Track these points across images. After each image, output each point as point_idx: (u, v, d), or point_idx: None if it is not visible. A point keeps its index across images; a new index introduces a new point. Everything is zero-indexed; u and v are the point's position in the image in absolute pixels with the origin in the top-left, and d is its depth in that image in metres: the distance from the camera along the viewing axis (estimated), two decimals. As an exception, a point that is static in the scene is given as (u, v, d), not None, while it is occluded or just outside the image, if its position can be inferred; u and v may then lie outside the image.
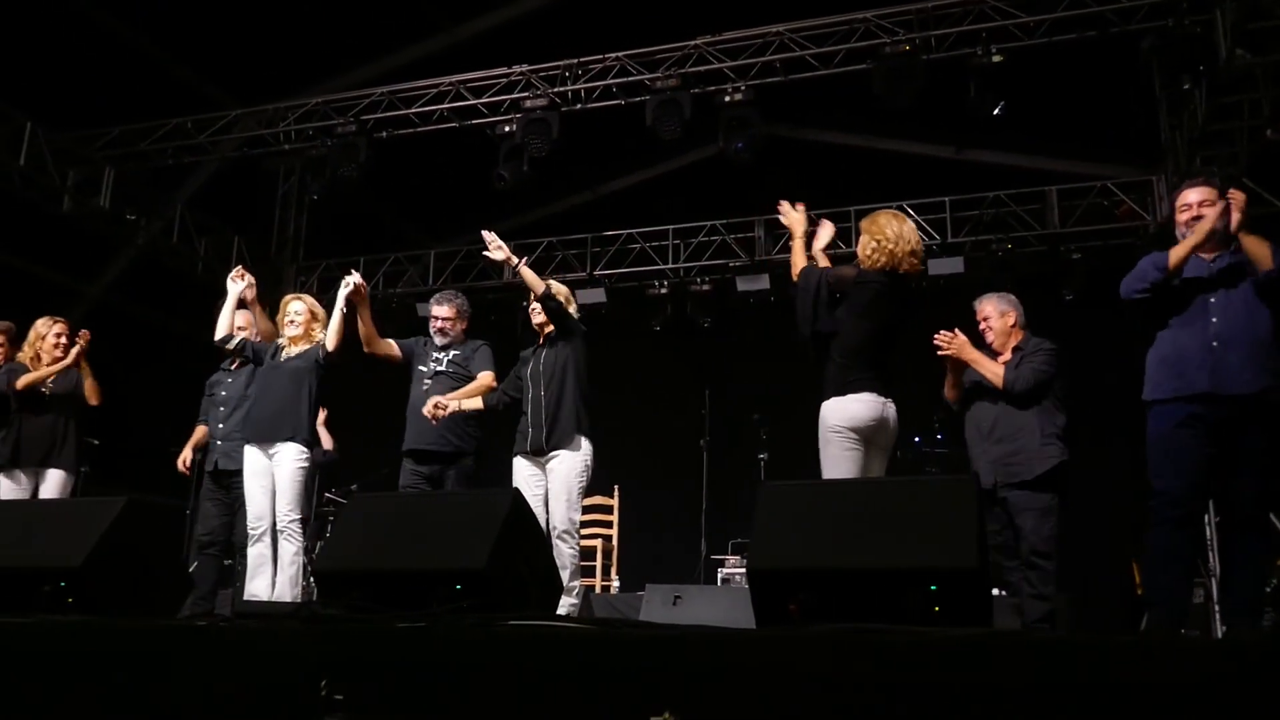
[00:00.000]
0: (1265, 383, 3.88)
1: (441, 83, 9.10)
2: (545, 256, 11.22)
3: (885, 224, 4.39)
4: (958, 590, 2.59)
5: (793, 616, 2.71)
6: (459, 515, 2.92)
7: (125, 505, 3.20)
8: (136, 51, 9.33)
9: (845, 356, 4.33)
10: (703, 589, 7.51)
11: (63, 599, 3.01)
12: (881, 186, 10.14)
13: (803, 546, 2.70)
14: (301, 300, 5.79)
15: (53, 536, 3.15)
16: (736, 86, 8.10)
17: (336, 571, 2.96)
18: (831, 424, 4.26)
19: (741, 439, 8.57)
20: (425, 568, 2.83)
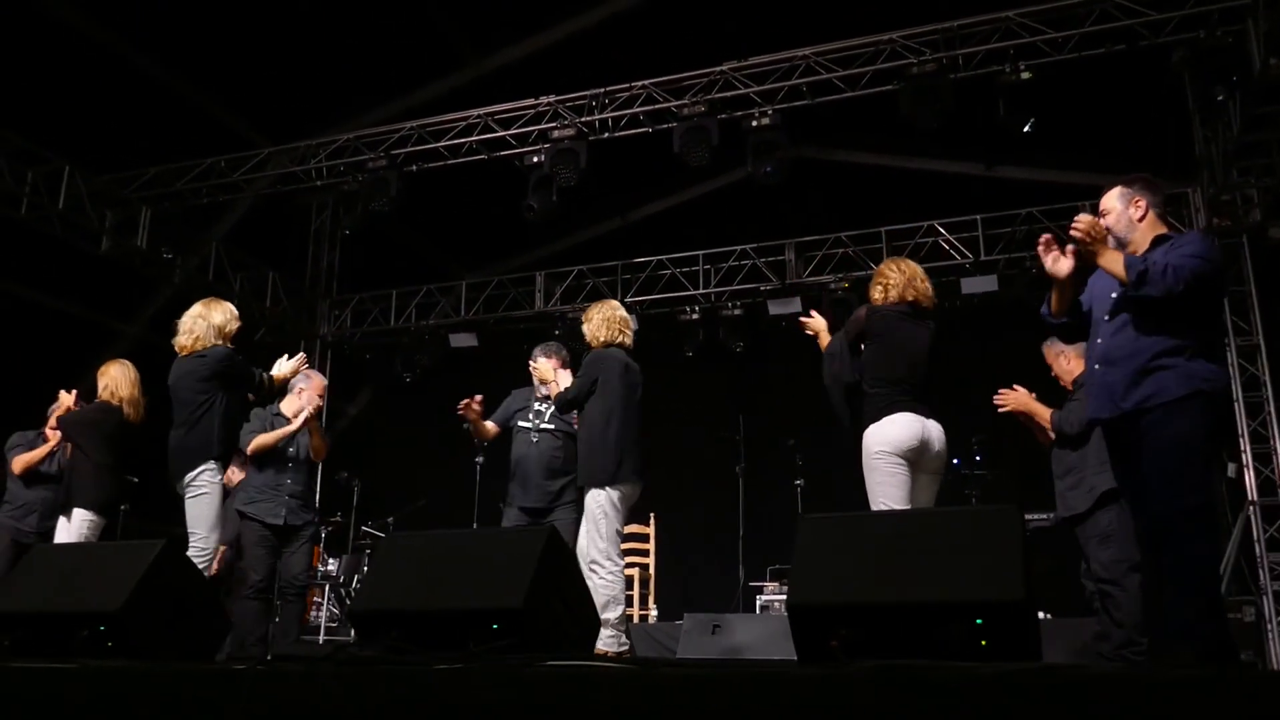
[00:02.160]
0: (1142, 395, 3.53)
1: (470, 115, 9.17)
2: (575, 285, 11.25)
3: (888, 271, 4.69)
4: (1005, 623, 2.53)
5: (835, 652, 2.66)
6: (495, 553, 2.90)
7: (163, 548, 3.20)
8: (170, 93, 9.47)
9: (877, 384, 4.43)
10: (742, 617, 7.45)
11: (102, 643, 3.02)
12: (911, 206, 10.10)
13: (843, 580, 2.65)
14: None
15: (92, 580, 3.16)
16: (763, 111, 8.09)
17: (373, 612, 2.94)
18: (874, 449, 4.29)
19: (777, 464, 8.51)
20: (462, 607, 2.81)
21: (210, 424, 4.95)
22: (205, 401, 4.97)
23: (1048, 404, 5.12)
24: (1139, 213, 3.75)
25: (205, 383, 4.99)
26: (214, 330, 5.11)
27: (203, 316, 5.16)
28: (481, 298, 11.59)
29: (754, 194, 9.61)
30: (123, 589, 3.03)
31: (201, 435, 4.93)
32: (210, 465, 4.91)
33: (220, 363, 5.04)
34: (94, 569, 3.24)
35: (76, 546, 4.78)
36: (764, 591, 8.37)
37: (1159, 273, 3.45)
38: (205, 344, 5.09)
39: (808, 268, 10.27)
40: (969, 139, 9.35)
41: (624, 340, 5.33)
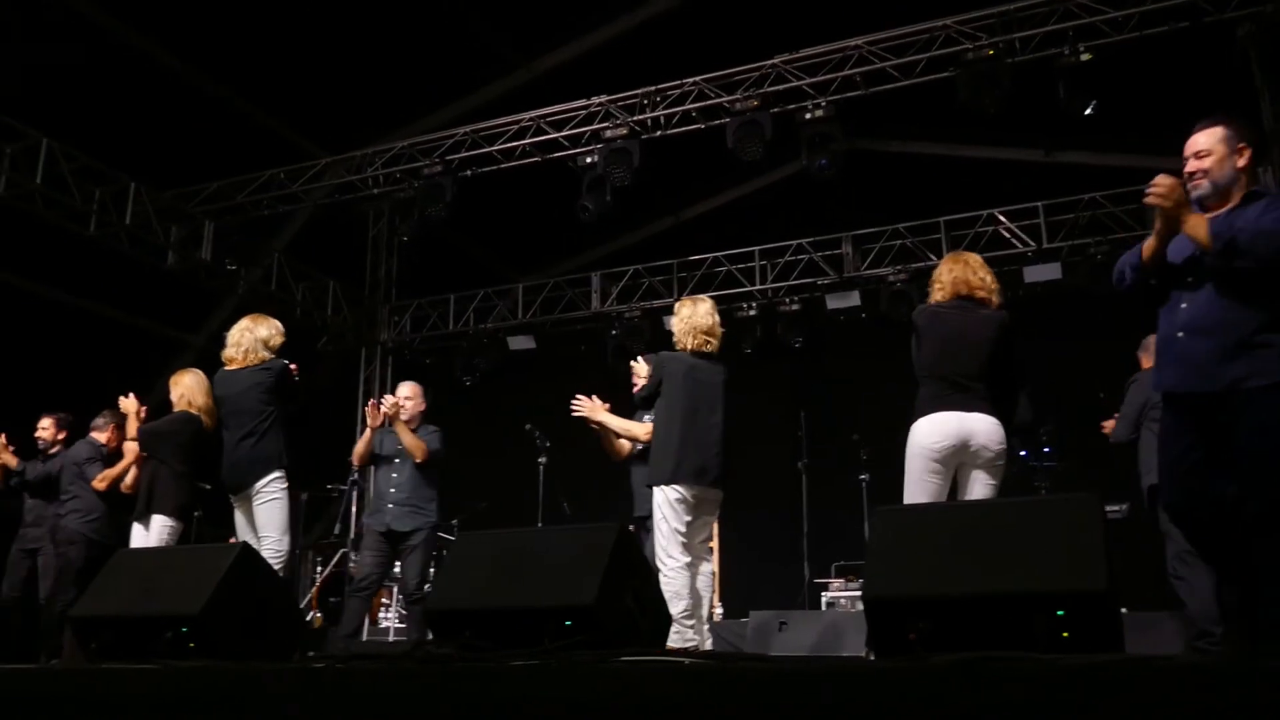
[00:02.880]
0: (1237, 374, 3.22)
1: (522, 119, 9.21)
2: (631, 284, 11.26)
3: (941, 271, 4.63)
4: (1087, 614, 2.47)
5: (912, 645, 2.63)
6: (566, 551, 2.90)
7: (240, 551, 3.26)
8: (229, 108, 9.66)
9: (922, 382, 4.40)
10: (807, 614, 7.41)
11: (184, 644, 3.07)
12: (970, 194, 9.96)
13: (920, 572, 2.61)
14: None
15: (173, 584, 3.22)
16: (817, 103, 8.03)
17: (448, 611, 2.97)
18: (909, 451, 4.29)
19: (841, 460, 8.44)
20: (535, 604, 2.82)
21: (276, 434, 5.14)
22: (270, 412, 5.15)
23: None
24: (1243, 160, 3.35)
25: (269, 394, 5.20)
26: (260, 344, 5.30)
27: (249, 330, 5.35)
28: (538, 300, 11.65)
29: (809, 188, 9.55)
30: (203, 592, 3.09)
31: (271, 445, 5.13)
32: (279, 473, 5.09)
33: (282, 375, 5.26)
34: (174, 573, 3.31)
35: (157, 551, 4.90)
36: (829, 588, 8.30)
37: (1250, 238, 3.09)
38: (255, 357, 5.28)
39: (865, 261, 10.17)
40: (1028, 124, 9.19)
41: (709, 347, 5.33)
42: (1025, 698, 2.06)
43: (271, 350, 5.34)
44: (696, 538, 5.20)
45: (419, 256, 11.91)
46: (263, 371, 5.25)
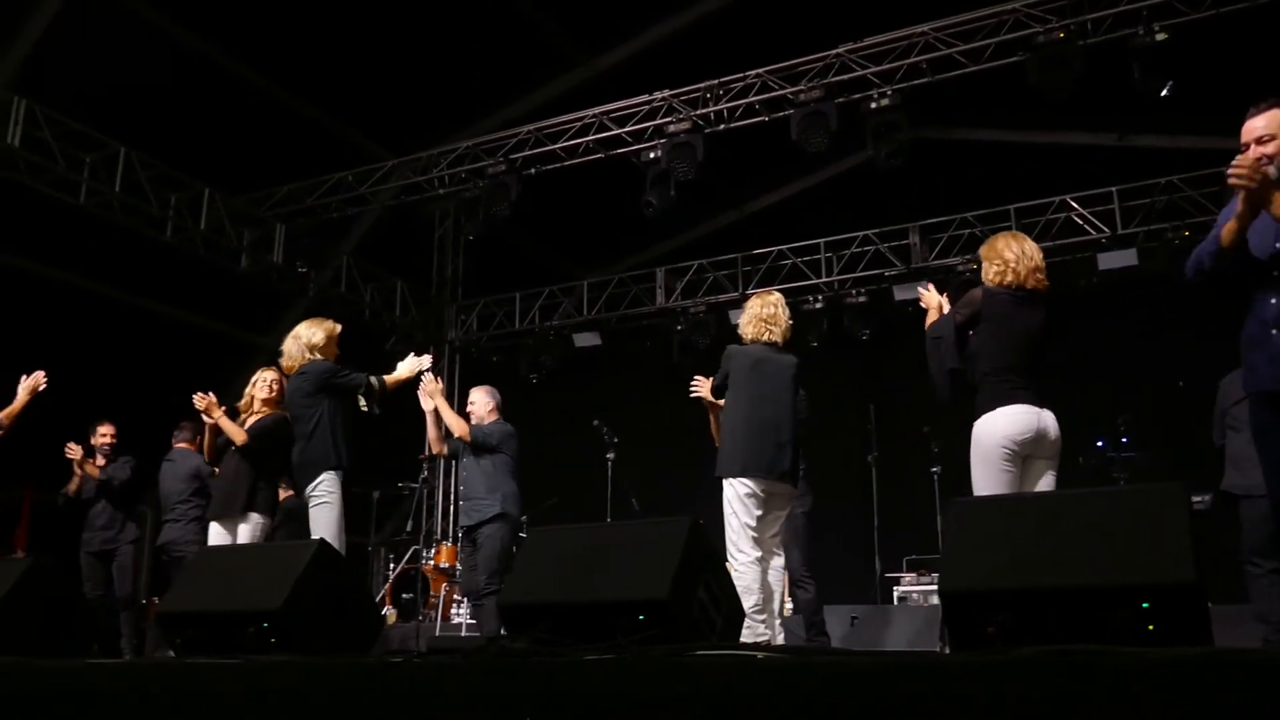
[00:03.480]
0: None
1: (585, 116, 9.24)
2: (696, 279, 11.24)
3: (1004, 247, 4.42)
4: (1174, 606, 2.40)
5: (991, 639, 2.58)
6: (638, 545, 2.90)
7: (318, 548, 3.32)
8: (297, 114, 9.85)
9: (991, 373, 4.26)
10: (879, 609, 7.33)
11: (265, 639, 3.13)
12: (1040, 181, 9.78)
13: (999, 565, 2.56)
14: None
15: (254, 580, 3.29)
16: (882, 92, 7.93)
17: (521, 605, 2.98)
18: (985, 444, 4.16)
19: (912, 453, 8.33)
20: (608, 599, 2.82)
21: (324, 435, 5.14)
22: (314, 414, 5.17)
23: None
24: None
25: (310, 397, 5.21)
26: (304, 348, 5.34)
27: (295, 337, 5.42)
28: (603, 297, 11.69)
29: (874, 178, 9.44)
30: (283, 588, 3.15)
31: (319, 446, 5.14)
32: (329, 475, 5.09)
33: (320, 376, 5.25)
34: (254, 570, 3.37)
35: (237, 549, 4.99)
36: (901, 582, 8.20)
37: None
38: (299, 362, 5.32)
39: (933, 251, 10.03)
40: (1100, 108, 8.99)
41: (770, 335, 5.30)
42: (1111, 691, 2.01)
43: (315, 352, 5.35)
44: (767, 532, 5.17)
45: (484, 255, 12.03)
46: (300, 376, 5.30)
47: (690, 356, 10.94)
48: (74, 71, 8.44)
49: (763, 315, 5.34)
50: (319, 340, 5.36)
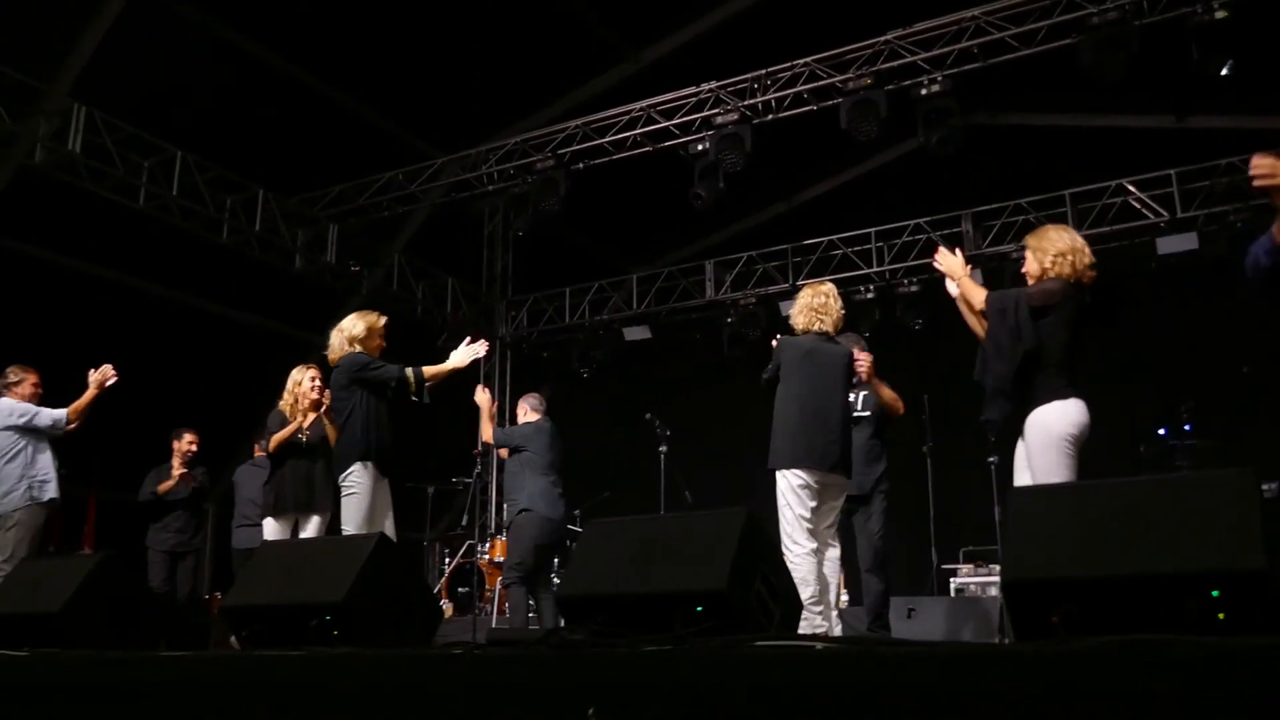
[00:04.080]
0: None
1: (632, 109, 9.23)
2: (745, 271, 11.20)
3: (1057, 238, 4.38)
4: (1244, 595, 2.35)
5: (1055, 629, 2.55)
6: (695, 536, 2.90)
7: (377, 542, 3.36)
8: (348, 114, 9.96)
9: (1058, 365, 4.23)
10: (937, 600, 7.27)
11: (329, 631, 3.18)
12: (1096, 165, 9.62)
13: (1062, 554, 2.52)
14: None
15: (317, 573, 3.34)
16: (933, 78, 7.83)
17: (579, 597, 3.00)
18: (1056, 431, 4.12)
19: (967, 443, 8.23)
20: (665, 590, 2.82)
21: (355, 426, 5.22)
22: (349, 406, 5.25)
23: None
24: None
25: (344, 389, 5.30)
26: (345, 340, 5.42)
27: (339, 330, 5.51)
28: (652, 290, 11.69)
29: (925, 166, 9.34)
30: (345, 580, 3.19)
31: (348, 438, 5.24)
32: (358, 465, 5.16)
33: (351, 368, 5.31)
34: (316, 563, 3.42)
35: (298, 543, 5.08)
36: (958, 574, 8.13)
37: None
38: (340, 354, 5.41)
39: (986, 238, 9.90)
40: (1157, 89, 8.82)
41: (821, 325, 5.27)
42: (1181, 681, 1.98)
43: (355, 344, 5.41)
44: (822, 524, 5.15)
45: (534, 251, 12.09)
46: (336, 368, 5.39)
47: (740, 349, 10.92)
48: (130, 77, 8.60)
49: (814, 305, 5.33)
50: (359, 332, 5.44)
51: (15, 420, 6.14)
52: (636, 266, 12.23)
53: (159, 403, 8.93)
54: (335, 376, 5.39)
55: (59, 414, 6.24)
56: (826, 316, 5.30)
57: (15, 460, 6.12)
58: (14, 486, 6.09)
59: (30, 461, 6.17)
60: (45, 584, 3.96)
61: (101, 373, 6.24)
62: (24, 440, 6.16)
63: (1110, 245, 9.50)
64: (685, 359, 11.91)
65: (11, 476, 6.10)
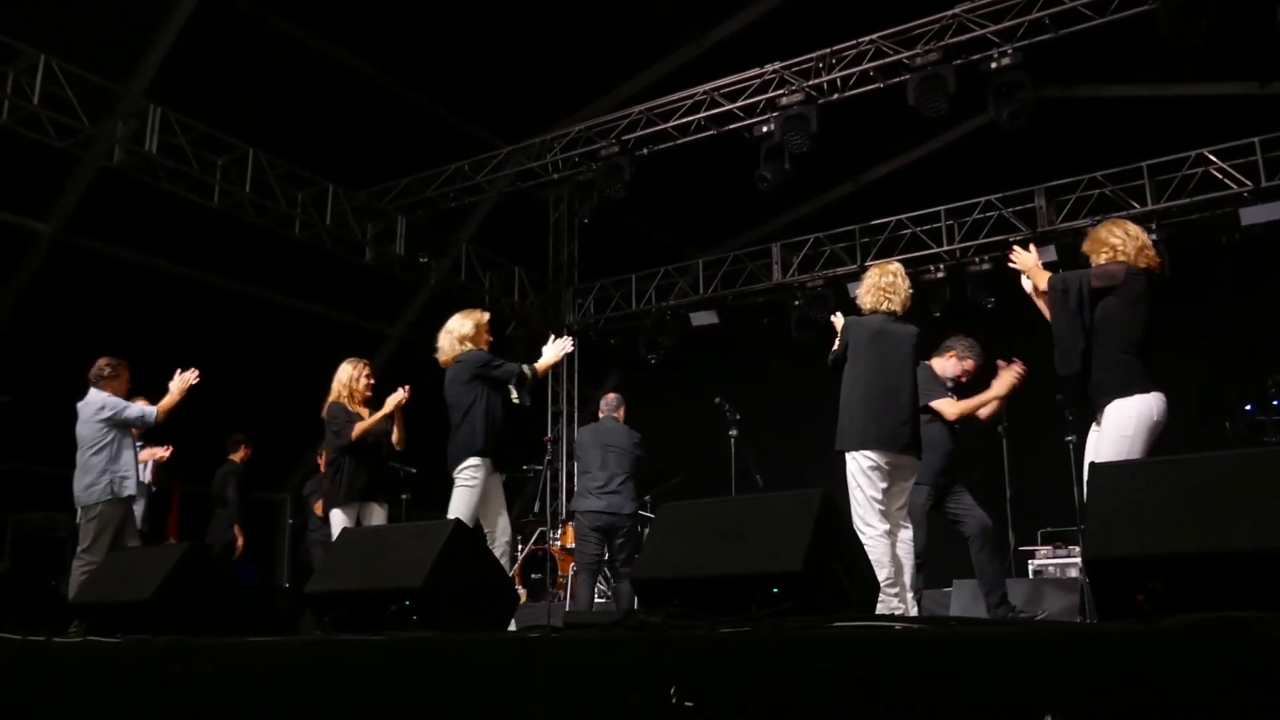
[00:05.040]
0: None
1: (696, 93, 9.19)
2: (812, 253, 11.10)
3: (1108, 235, 4.42)
4: (1343, 571, 2.28)
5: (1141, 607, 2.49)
6: (770, 518, 2.88)
7: (453, 528, 3.40)
8: (414, 107, 10.07)
9: (1131, 351, 4.16)
10: (1015, 582, 7.13)
11: (408, 616, 3.23)
12: (1174, 135, 9.33)
13: (1149, 530, 2.46)
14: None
15: (394, 560, 3.39)
16: (1003, 51, 7.66)
17: (655, 580, 3.00)
18: (1143, 421, 4.05)
19: (1043, 422, 8.06)
20: (741, 572, 2.81)
21: (473, 422, 5.32)
22: (468, 402, 5.36)
23: None
24: None
25: (466, 385, 5.40)
26: (456, 340, 5.55)
27: (448, 331, 5.65)
28: (718, 275, 11.65)
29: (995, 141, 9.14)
30: (422, 566, 3.24)
31: (466, 433, 5.34)
32: (474, 461, 5.27)
33: (476, 365, 5.43)
34: (395, 550, 3.48)
35: (377, 530, 5.16)
36: (1036, 556, 7.98)
37: None
38: (453, 354, 5.54)
39: (1061, 214, 9.68)
40: (1237, 55, 8.52)
41: (889, 305, 5.21)
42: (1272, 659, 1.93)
43: (467, 342, 5.54)
44: (894, 505, 5.10)
45: (599, 238, 12.12)
46: (456, 365, 5.52)
47: (808, 331, 10.83)
48: (202, 77, 8.79)
49: (881, 284, 5.27)
50: (469, 331, 5.59)
51: (105, 414, 6.31)
52: (702, 251, 12.19)
53: (235, 397, 9.14)
54: (456, 373, 5.52)
55: (149, 410, 6.41)
56: (895, 296, 5.23)
57: (101, 453, 6.28)
58: (97, 479, 6.25)
59: (115, 456, 6.32)
60: (136, 573, 4.08)
61: (183, 379, 6.41)
62: (111, 434, 6.32)
63: (1191, 217, 9.25)
64: (753, 343, 11.85)
65: (95, 468, 6.26)
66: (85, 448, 6.30)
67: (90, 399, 6.37)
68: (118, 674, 3.62)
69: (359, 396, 6.33)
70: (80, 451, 6.31)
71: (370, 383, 6.38)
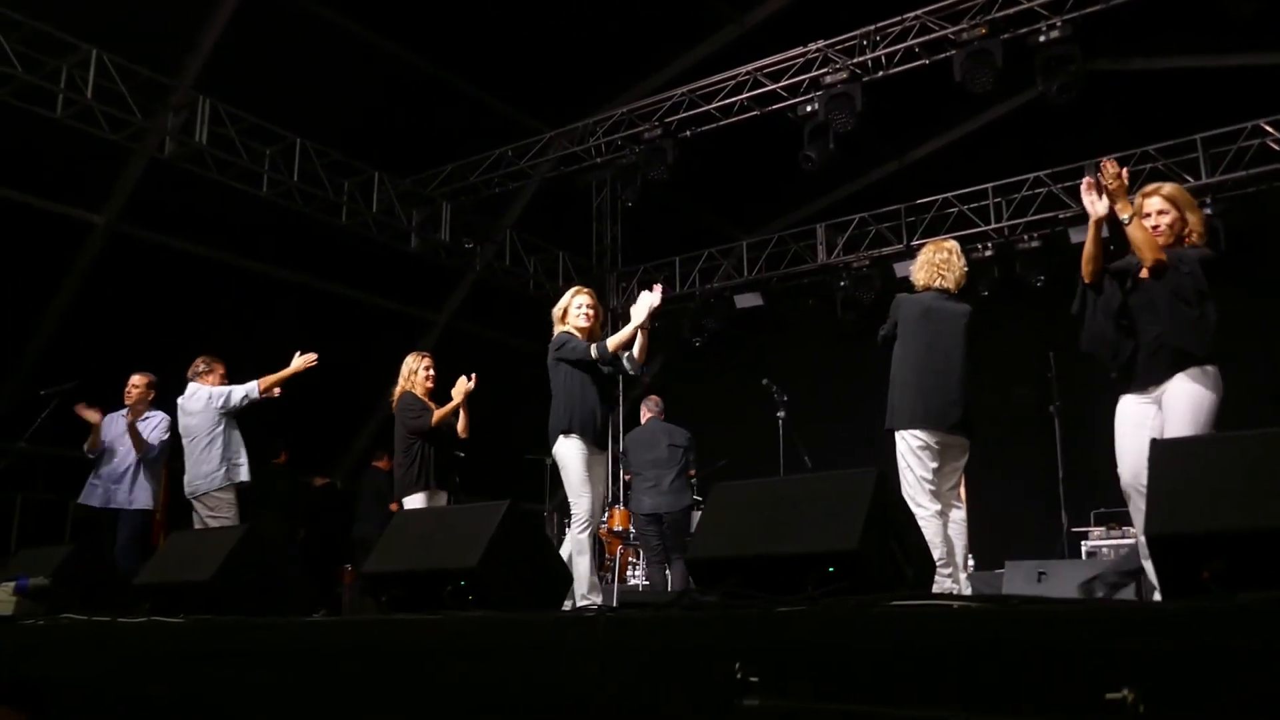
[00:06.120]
0: None
1: (738, 73, 9.13)
2: (858, 233, 11.01)
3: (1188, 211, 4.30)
4: None
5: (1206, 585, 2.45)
6: (825, 497, 2.87)
7: (507, 509, 3.42)
8: (457, 93, 10.10)
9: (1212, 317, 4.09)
10: (1069, 564, 7.05)
11: (464, 595, 3.26)
12: (1229, 108, 9.13)
13: (1213, 506, 2.42)
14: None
15: (451, 540, 3.43)
16: (1052, 24, 7.53)
17: (709, 559, 3.01)
18: (1209, 401, 3.99)
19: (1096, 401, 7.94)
20: (796, 551, 2.80)
21: (557, 402, 5.35)
22: (556, 383, 5.39)
23: None
24: None
25: (552, 369, 5.42)
26: (555, 320, 5.55)
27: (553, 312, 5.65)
28: (763, 256, 11.59)
29: (1042, 116, 9.01)
30: (478, 546, 3.27)
31: (553, 413, 5.36)
32: (561, 439, 5.25)
33: (551, 348, 5.45)
34: (450, 531, 3.52)
35: (432, 511, 5.23)
36: (1089, 537, 7.88)
37: None
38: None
39: (1111, 190, 9.48)
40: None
41: (942, 283, 5.16)
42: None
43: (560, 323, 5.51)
44: (945, 485, 5.06)
45: (642, 221, 12.09)
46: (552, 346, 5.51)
47: (854, 312, 10.76)
48: (249, 68, 8.88)
49: (935, 260, 5.22)
50: (558, 312, 5.59)
51: (216, 404, 6.52)
52: (746, 233, 12.14)
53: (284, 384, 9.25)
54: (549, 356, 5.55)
55: (250, 387, 6.60)
56: (949, 273, 5.17)
57: (216, 443, 6.51)
58: (216, 469, 6.49)
59: (229, 443, 6.57)
60: (196, 555, 4.17)
61: (305, 359, 6.57)
62: (223, 423, 6.55)
63: (1247, 190, 9.05)
64: (799, 324, 11.79)
65: (213, 458, 6.50)
66: (198, 438, 6.53)
67: (196, 393, 6.60)
68: (181, 652, 3.70)
69: (420, 388, 6.44)
70: (191, 442, 6.55)
71: (430, 374, 6.52)
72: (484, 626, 3.07)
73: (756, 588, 2.80)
